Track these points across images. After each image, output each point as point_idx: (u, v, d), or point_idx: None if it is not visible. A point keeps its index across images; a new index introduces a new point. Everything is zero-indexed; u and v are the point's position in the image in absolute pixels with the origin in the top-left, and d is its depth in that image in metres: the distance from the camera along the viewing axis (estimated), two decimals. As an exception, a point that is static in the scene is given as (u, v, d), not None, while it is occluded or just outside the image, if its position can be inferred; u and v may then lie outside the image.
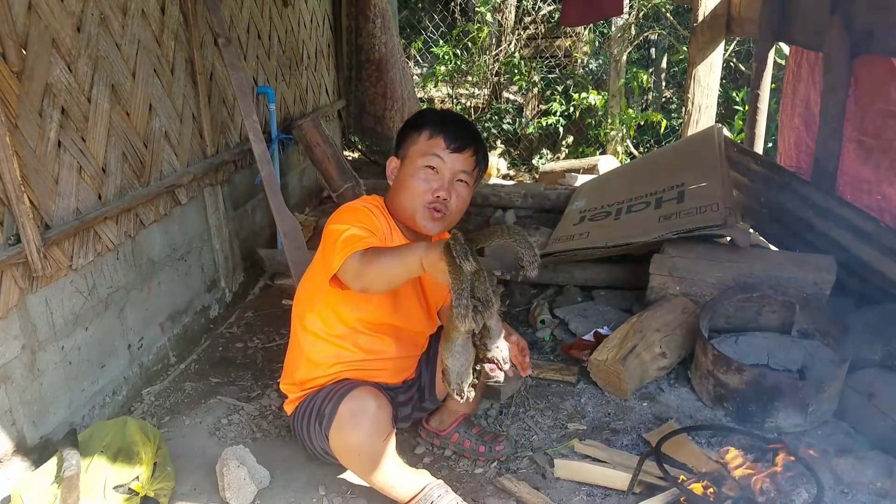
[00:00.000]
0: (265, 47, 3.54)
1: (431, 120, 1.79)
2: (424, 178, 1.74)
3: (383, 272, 1.50)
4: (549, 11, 6.46)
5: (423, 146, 1.75)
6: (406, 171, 1.77)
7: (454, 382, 1.49)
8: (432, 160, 1.73)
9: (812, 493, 1.78)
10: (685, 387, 2.38)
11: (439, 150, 1.73)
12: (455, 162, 1.74)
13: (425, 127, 1.77)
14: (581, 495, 1.88)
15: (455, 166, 1.74)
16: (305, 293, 1.88)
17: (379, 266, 1.49)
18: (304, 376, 1.86)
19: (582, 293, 3.05)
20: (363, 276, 1.52)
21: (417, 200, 1.74)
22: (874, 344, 2.24)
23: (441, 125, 1.76)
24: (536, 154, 6.23)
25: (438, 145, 1.74)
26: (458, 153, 1.74)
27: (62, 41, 1.97)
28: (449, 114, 1.87)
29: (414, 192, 1.74)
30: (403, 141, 1.81)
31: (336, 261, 1.56)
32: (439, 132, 1.75)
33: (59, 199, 1.98)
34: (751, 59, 4.52)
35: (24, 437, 1.87)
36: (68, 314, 2.03)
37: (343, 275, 1.57)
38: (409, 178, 1.75)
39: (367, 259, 1.51)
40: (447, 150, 1.73)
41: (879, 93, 2.61)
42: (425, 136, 1.76)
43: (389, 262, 1.48)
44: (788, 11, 3.27)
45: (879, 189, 2.67)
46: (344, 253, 1.55)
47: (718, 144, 3.38)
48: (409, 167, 1.76)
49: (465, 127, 1.80)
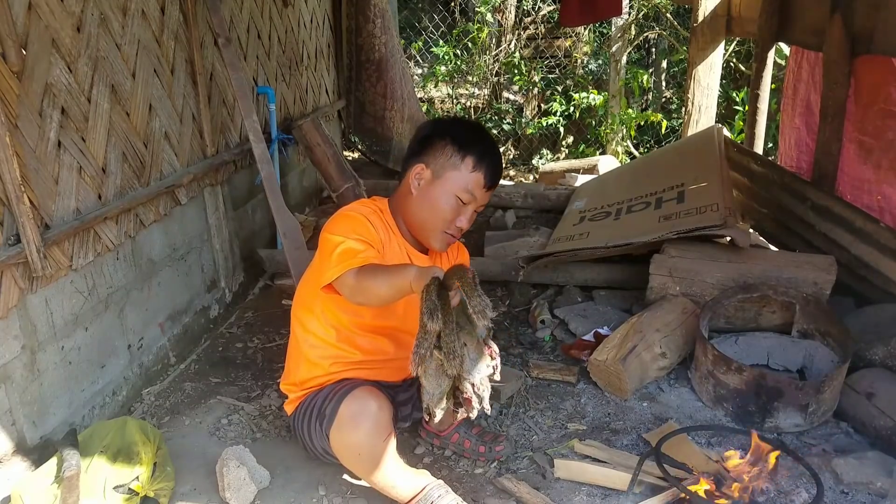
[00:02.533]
0: (265, 47, 3.54)
1: (476, 149, 1.75)
2: (455, 207, 1.76)
3: (376, 292, 1.55)
4: (549, 11, 6.47)
5: (464, 178, 1.73)
6: (438, 192, 1.75)
7: (426, 402, 1.51)
8: (467, 196, 1.75)
9: (812, 493, 1.78)
10: (685, 387, 2.38)
11: (478, 188, 1.75)
12: (484, 198, 1.79)
13: (470, 154, 1.74)
14: (581, 495, 1.88)
15: (483, 201, 1.80)
16: (304, 295, 1.88)
17: (373, 286, 1.54)
18: (304, 376, 1.86)
19: (582, 293, 3.05)
20: (358, 294, 1.58)
21: (440, 225, 1.77)
22: (874, 344, 2.24)
23: (485, 161, 1.74)
24: (536, 154, 6.23)
25: (478, 183, 1.75)
26: (491, 190, 1.79)
27: (62, 41, 1.97)
28: (491, 144, 1.81)
29: (440, 217, 1.76)
30: (436, 152, 1.76)
31: (330, 274, 1.60)
32: (481, 168, 1.74)
33: (59, 199, 1.98)
34: (751, 59, 4.51)
35: (24, 437, 1.87)
36: (68, 314, 2.04)
37: (340, 289, 1.61)
38: (439, 201, 1.75)
39: (362, 277, 1.55)
40: (484, 188, 1.76)
41: (879, 93, 2.61)
42: (468, 165, 1.73)
43: (382, 283, 1.53)
44: (788, 11, 3.27)
45: (879, 189, 2.67)
46: (339, 268, 1.58)
47: (718, 144, 3.38)
48: (442, 190, 1.74)
49: (500, 163, 1.82)
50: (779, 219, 3.24)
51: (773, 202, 3.27)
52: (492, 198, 4.55)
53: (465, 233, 1.88)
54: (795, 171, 3.29)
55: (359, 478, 1.86)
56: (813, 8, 3.01)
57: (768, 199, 3.32)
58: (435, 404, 1.50)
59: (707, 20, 4.05)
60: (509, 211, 4.11)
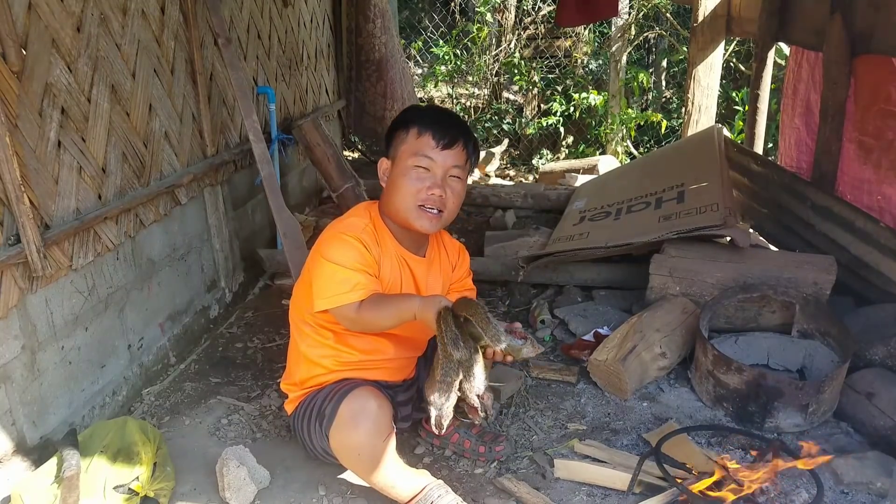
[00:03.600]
0: (265, 47, 3.54)
1: (417, 117, 1.76)
2: (416, 177, 1.72)
3: (379, 324, 1.65)
4: (549, 11, 6.46)
5: (413, 145, 1.72)
6: (397, 171, 1.75)
7: (434, 416, 1.56)
8: (422, 160, 1.71)
9: (812, 493, 1.78)
10: (685, 387, 2.38)
11: (429, 149, 1.71)
12: (446, 158, 1.72)
13: (412, 125, 1.74)
14: (581, 495, 1.88)
15: (447, 162, 1.73)
16: (300, 299, 1.87)
17: (374, 319, 1.62)
18: (304, 376, 1.86)
19: (582, 293, 3.05)
20: (357, 325, 1.68)
21: (410, 201, 1.73)
22: (874, 344, 2.24)
23: (428, 122, 1.73)
24: (536, 154, 6.23)
25: (428, 144, 1.71)
26: (448, 149, 1.72)
27: (62, 41, 1.97)
28: (434, 109, 1.84)
29: (406, 193, 1.72)
30: (392, 141, 1.79)
31: (326, 303, 1.65)
32: (427, 129, 1.72)
33: (59, 199, 1.98)
34: (751, 59, 4.51)
35: (24, 437, 1.87)
36: (68, 314, 2.03)
37: (337, 317, 1.69)
38: (401, 178, 1.73)
39: (363, 311, 1.61)
40: (437, 147, 1.71)
41: (879, 93, 2.61)
42: (413, 134, 1.73)
43: (385, 316, 1.61)
44: (788, 11, 3.27)
45: (879, 189, 2.67)
46: (337, 299, 1.64)
47: (718, 144, 3.38)
48: (400, 167, 1.74)
49: (452, 121, 1.78)
50: (779, 219, 3.24)
51: (773, 202, 3.27)
52: (492, 198, 4.56)
53: (463, 233, 1.87)
54: (795, 171, 3.29)
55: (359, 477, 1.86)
56: (813, 8, 3.01)
57: (768, 199, 3.32)
58: (444, 417, 1.56)
59: (707, 20, 4.05)
60: (509, 211, 4.11)
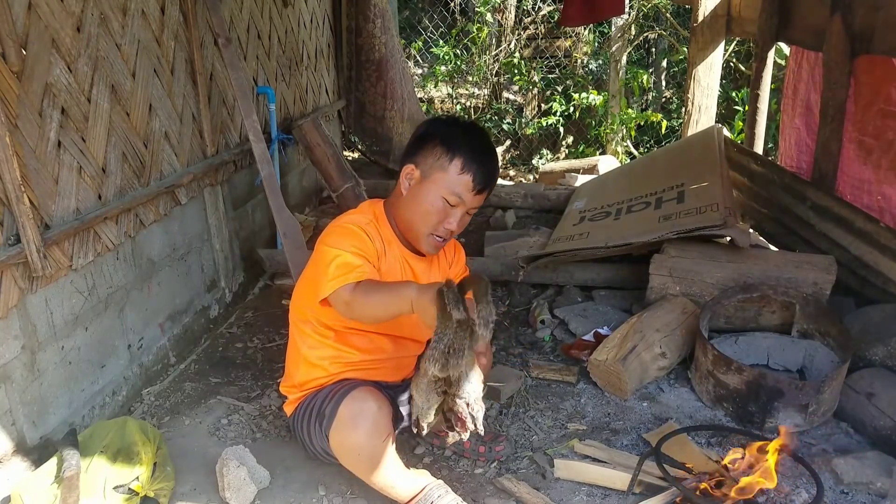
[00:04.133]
0: (265, 47, 3.54)
1: (465, 150, 1.69)
2: (442, 209, 1.71)
3: (373, 309, 1.54)
4: (549, 11, 6.46)
5: (452, 180, 1.68)
6: (425, 192, 1.71)
7: (415, 414, 1.52)
8: (454, 198, 1.70)
9: (812, 493, 1.78)
10: (685, 387, 2.38)
11: (465, 191, 1.69)
12: (474, 201, 1.73)
13: (458, 156, 1.68)
14: (581, 495, 1.88)
15: (472, 204, 1.73)
16: (301, 297, 1.87)
17: (369, 303, 1.52)
18: (303, 377, 1.86)
19: (582, 293, 3.05)
20: (353, 310, 1.56)
21: (427, 228, 1.73)
22: (874, 344, 2.24)
23: (474, 163, 1.68)
24: (536, 154, 6.23)
25: (466, 186, 1.69)
26: (479, 195, 1.73)
27: (62, 41, 1.97)
28: (481, 144, 1.74)
29: (427, 219, 1.72)
30: (427, 155, 1.71)
31: (326, 288, 1.58)
32: (469, 171, 1.68)
33: (59, 199, 1.98)
34: (751, 59, 4.51)
35: (24, 437, 1.87)
36: (68, 314, 2.03)
37: (334, 303, 1.59)
38: (426, 203, 1.71)
39: (357, 293, 1.53)
40: (472, 191, 1.70)
41: (879, 93, 2.61)
42: (456, 167, 1.68)
43: (380, 301, 1.51)
44: (788, 11, 3.27)
45: (879, 189, 2.67)
46: (335, 282, 1.56)
47: (718, 144, 3.38)
48: (430, 191, 1.70)
49: (493, 166, 1.74)
50: (779, 219, 3.24)
51: (773, 202, 3.27)
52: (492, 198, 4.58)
53: (462, 233, 1.88)
54: (795, 171, 3.29)
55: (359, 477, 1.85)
56: (813, 8, 3.01)
57: (768, 199, 3.32)
58: (423, 417, 1.51)
59: (707, 20, 4.05)
60: (509, 211, 4.11)
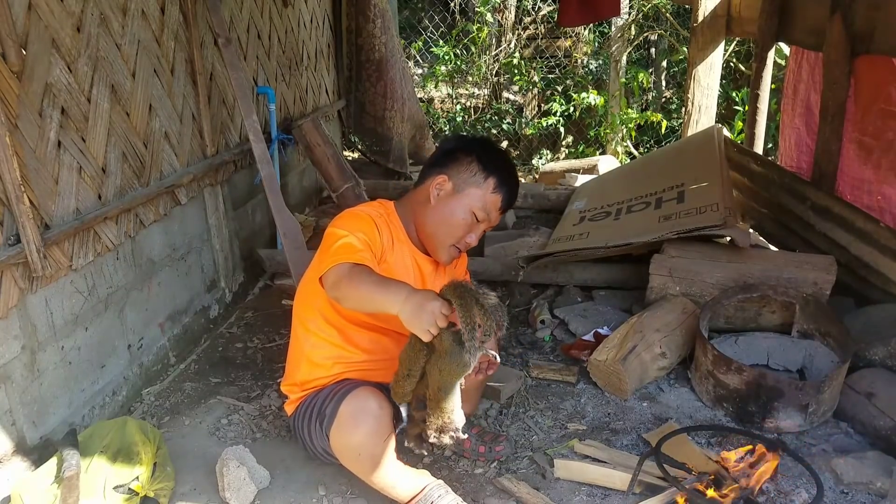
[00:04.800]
0: (265, 47, 3.54)
1: (500, 171, 1.81)
2: (470, 223, 1.81)
3: (359, 296, 1.53)
4: (549, 11, 6.46)
5: (485, 197, 1.79)
6: (456, 205, 1.79)
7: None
8: (482, 214, 1.80)
9: (812, 493, 1.78)
10: (685, 387, 2.38)
11: (494, 209, 1.81)
12: (497, 218, 1.85)
13: (493, 175, 1.80)
14: (581, 495, 1.88)
15: (494, 222, 1.85)
16: (306, 293, 1.88)
17: (358, 289, 1.52)
18: (304, 377, 1.86)
19: (582, 293, 3.05)
20: (339, 289, 1.54)
21: (451, 239, 1.81)
22: (874, 344, 2.24)
23: (506, 182, 1.81)
24: (536, 154, 6.22)
25: (496, 204, 1.81)
26: (503, 213, 1.86)
27: (62, 41, 1.97)
28: (513, 170, 1.88)
29: (453, 231, 1.80)
30: (460, 167, 1.81)
31: (324, 266, 1.59)
32: (501, 191, 1.80)
33: (58, 199, 1.98)
34: (751, 59, 4.51)
35: (24, 437, 1.87)
36: (68, 314, 2.03)
37: (325, 280, 1.59)
38: (455, 214, 1.79)
39: (351, 276, 1.53)
40: (499, 210, 1.82)
41: (879, 93, 2.61)
42: (490, 185, 1.79)
43: (368, 290, 1.50)
44: (788, 11, 3.27)
45: (879, 189, 2.67)
46: (334, 260, 1.58)
47: (718, 144, 3.38)
48: (461, 204, 1.79)
49: (517, 187, 1.88)
50: (779, 219, 3.24)
51: (773, 202, 3.27)
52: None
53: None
54: (795, 171, 3.29)
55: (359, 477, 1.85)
56: (813, 8, 3.01)
57: (768, 199, 3.32)
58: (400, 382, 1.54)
59: (707, 20, 4.05)
60: (509, 211, 4.11)
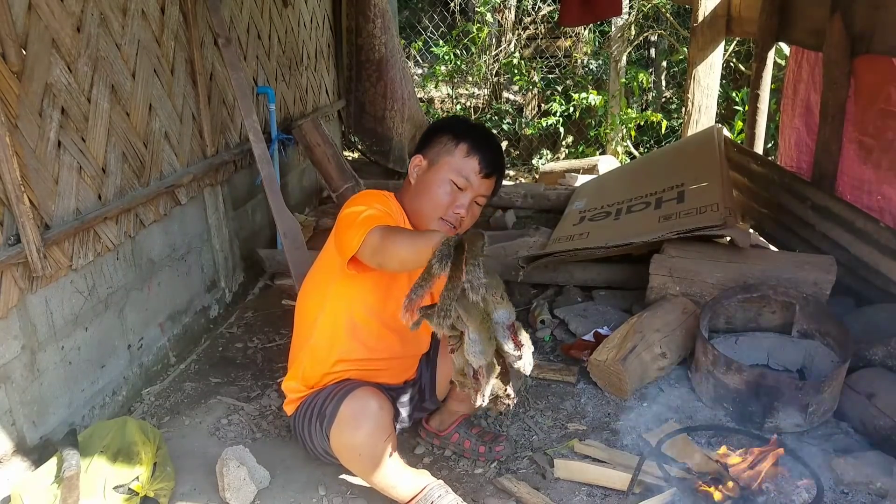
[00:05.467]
0: (265, 47, 3.54)
1: (471, 136, 1.79)
2: (450, 192, 1.76)
3: (398, 252, 1.50)
4: (549, 11, 6.46)
5: (458, 162, 1.76)
6: (433, 177, 1.77)
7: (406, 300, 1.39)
8: (461, 180, 1.76)
9: (812, 493, 1.78)
10: (685, 387, 2.38)
11: (472, 173, 1.76)
12: (481, 186, 1.78)
13: (464, 141, 1.77)
14: (581, 495, 1.88)
15: (480, 189, 1.78)
16: (313, 286, 1.88)
17: (395, 245, 1.50)
18: (306, 372, 1.85)
19: (582, 293, 3.05)
20: (380, 252, 1.53)
21: (437, 211, 1.77)
22: (874, 344, 2.24)
23: (480, 148, 1.77)
24: (536, 154, 6.23)
25: (472, 168, 1.76)
26: (486, 179, 1.78)
27: (62, 41, 1.97)
28: (487, 134, 1.86)
29: (436, 203, 1.76)
30: (434, 144, 1.80)
31: (356, 239, 1.56)
32: (476, 154, 1.76)
33: (58, 199, 1.98)
34: (751, 59, 4.51)
35: (24, 437, 1.87)
36: (68, 314, 2.03)
37: (363, 251, 1.56)
38: (435, 186, 1.76)
39: (385, 235, 1.52)
40: (479, 174, 1.76)
41: (879, 93, 2.61)
42: (462, 151, 1.77)
43: (405, 245, 1.49)
44: (788, 11, 3.27)
45: (879, 189, 2.67)
46: (364, 229, 1.56)
47: (718, 144, 3.38)
48: (437, 176, 1.77)
49: (498, 153, 1.83)
50: (779, 219, 3.24)
51: (773, 202, 3.27)
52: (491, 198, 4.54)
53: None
54: (795, 171, 3.29)
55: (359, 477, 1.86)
56: (813, 8, 3.01)
57: (768, 199, 3.32)
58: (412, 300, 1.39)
59: (707, 20, 4.05)
60: (509, 211, 4.11)
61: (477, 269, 1.31)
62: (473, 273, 1.31)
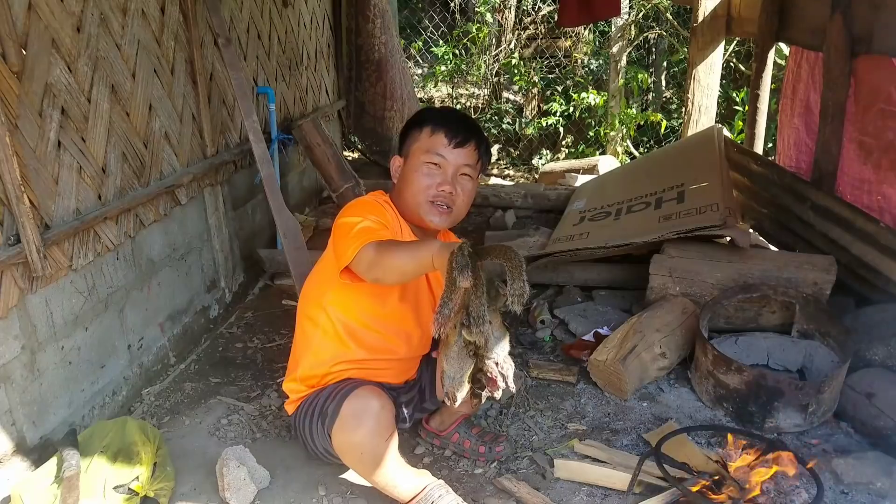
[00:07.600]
0: (265, 47, 3.54)
1: (432, 117, 1.82)
2: (428, 173, 1.76)
3: (396, 265, 1.51)
4: (549, 11, 6.46)
5: (425, 143, 1.77)
6: (409, 168, 1.79)
7: (447, 387, 1.49)
8: (434, 157, 1.76)
9: (812, 493, 1.78)
10: (685, 387, 2.38)
11: (441, 146, 1.76)
12: (458, 157, 1.76)
13: (426, 124, 1.79)
14: (581, 495, 1.88)
15: (458, 161, 1.77)
16: (314, 288, 1.88)
17: (392, 258, 1.50)
18: (306, 372, 1.85)
19: (582, 293, 3.05)
20: (376, 268, 1.53)
21: (421, 196, 1.76)
22: (874, 344, 2.24)
23: (442, 121, 1.78)
24: (536, 154, 6.23)
25: (440, 142, 1.76)
26: (460, 148, 1.77)
27: (62, 41, 1.97)
28: (448, 110, 1.88)
29: (417, 188, 1.76)
30: (405, 139, 1.84)
31: (350, 252, 1.56)
32: (440, 128, 1.77)
33: (58, 199, 1.98)
34: (751, 59, 4.51)
35: (24, 437, 1.87)
36: (68, 314, 2.03)
37: (357, 265, 1.57)
38: (413, 174, 1.77)
39: (381, 250, 1.52)
40: (449, 146, 1.76)
41: (879, 93, 2.61)
42: (427, 132, 1.78)
43: (403, 256, 1.49)
44: (788, 11, 3.27)
45: (879, 189, 2.67)
46: (358, 243, 1.56)
47: (718, 144, 3.39)
48: (413, 164, 1.78)
49: (465, 121, 1.82)
50: (779, 219, 3.24)
51: (773, 202, 3.27)
52: (492, 198, 4.56)
53: (463, 234, 1.88)
54: (795, 171, 3.29)
55: (360, 477, 1.86)
56: (813, 8, 3.01)
57: (768, 199, 3.32)
58: (457, 388, 1.47)
59: (707, 20, 4.05)
60: (509, 211, 4.11)
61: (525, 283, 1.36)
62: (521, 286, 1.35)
